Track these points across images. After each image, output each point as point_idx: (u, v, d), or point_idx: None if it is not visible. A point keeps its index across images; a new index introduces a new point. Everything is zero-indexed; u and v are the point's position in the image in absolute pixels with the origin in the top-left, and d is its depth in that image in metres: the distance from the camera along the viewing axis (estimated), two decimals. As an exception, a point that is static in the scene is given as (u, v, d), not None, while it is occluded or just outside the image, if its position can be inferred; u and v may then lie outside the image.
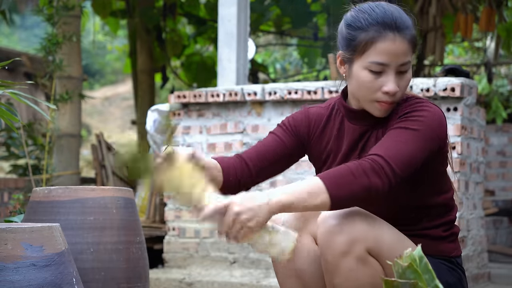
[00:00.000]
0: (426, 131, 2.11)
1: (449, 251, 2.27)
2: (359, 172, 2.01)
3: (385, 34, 2.11)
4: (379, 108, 2.16)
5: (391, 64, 2.12)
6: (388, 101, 2.14)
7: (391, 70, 2.12)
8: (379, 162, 2.03)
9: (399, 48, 2.11)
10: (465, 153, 4.25)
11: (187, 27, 11.54)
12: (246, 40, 5.30)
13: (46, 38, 5.56)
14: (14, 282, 1.99)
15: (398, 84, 2.13)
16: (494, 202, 7.53)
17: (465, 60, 12.89)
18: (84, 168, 14.19)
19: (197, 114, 4.90)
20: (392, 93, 2.12)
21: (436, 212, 2.24)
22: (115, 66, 20.93)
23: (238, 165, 2.27)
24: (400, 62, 2.12)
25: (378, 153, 2.05)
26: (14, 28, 17.10)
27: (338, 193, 2.00)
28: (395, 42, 2.11)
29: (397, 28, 2.11)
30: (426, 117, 2.13)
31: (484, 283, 4.58)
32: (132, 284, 2.72)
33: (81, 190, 2.71)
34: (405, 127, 2.11)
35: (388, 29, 2.11)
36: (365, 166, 2.02)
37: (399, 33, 2.11)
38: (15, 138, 6.90)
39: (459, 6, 7.68)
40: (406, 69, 2.14)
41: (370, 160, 2.04)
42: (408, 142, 2.08)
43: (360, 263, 2.09)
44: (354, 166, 2.02)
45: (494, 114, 9.22)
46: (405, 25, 2.12)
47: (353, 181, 2.00)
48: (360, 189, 2.01)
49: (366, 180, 2.01)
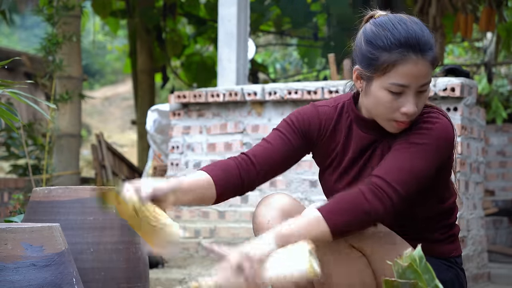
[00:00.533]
0: (431, 144, 2.08)
1: (448, 252, 2.26)
2: (358, 198, 1.99)
3: (409, 56, 2.05)
4: (395, 126, 2.12)
5: (411, 86, 2.07)
6: (406, 121, 2.10)
7: (411, 92, 2.08)
8: (379, 184, 2.01)
9: (421, 70, 2.06)
10: (465, 153, 4.25)
11: (187, 27, 11.55)
12: (246, 40, 5.30)
13: (46, 38, 5.56)
14: (14, 282, 1.99)
15: (417, 104, 2.09)
16: (494, 202, 7.53)
17: (465, 60, 12.89)
18: (84, 168, 14.19)
19: (197, 114, 4.90)
20: (410, 114, 2.08)
21: (438, 219, 2.23)
22: (115, 66, 20.93)
23: (243, 165, 2.23)
24: (420, 83, 2.07)
25: (378, 175, 2.03)
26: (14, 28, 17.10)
27: (336, 222, 1.98)
28: (417, 65, 2.05)
29: (420, 51, 2.05)
30: (432, 130, 2.09)
31: (484, 283, 4.58)
32: (132, 284, 2.72)
33: (81, 190, 2.71)
34: (409, 142, 2.09)
35: (411, 51, 2.05)
36: (364, 191, 2.00)
37: (422, 55, 2.05)
38: (15, 138, 6.90)
39: (459, 6, 7.68)
40: (426, 89, 2.09)
41: (370, 183, 2.02)
42: (413, 158, 2.05)
43: (348, 262, 2.09)
44: (352, 193, 2.01)
45: (494, 114, 9.22)
46: (428, 45, 2.07)
47: (352, 208, 1.99)
48: (359, 215, 2.00)
49: (366, 205, 1.99)
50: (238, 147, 4.75)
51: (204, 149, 4.86)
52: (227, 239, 4.74)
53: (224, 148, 4.80)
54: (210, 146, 4.84)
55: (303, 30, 10.07)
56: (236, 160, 2.25)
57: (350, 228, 2.02)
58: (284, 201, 2.21)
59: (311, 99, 4.53)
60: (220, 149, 4.81)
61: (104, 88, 21.00)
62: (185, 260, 4.85)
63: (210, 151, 4.84)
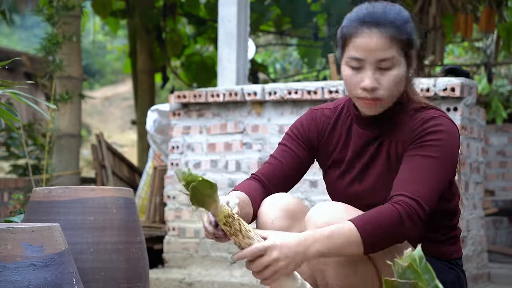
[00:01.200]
0: (445, 157, 2.11)
1: (449, 253, 2.26)
2: (396, 223, 2.01)
3: (362, 30, 2.10)
4: (362, 105, 2.15)
5: (367, 59, 2.10)
6: (368, 97, 2.12)
7: (368, 66, 2.11)
8: (413, 206, 2.03)
9: (375, 43, 2.09)
10: (465, 153, 4.25)
11: (187, 27, 11.54)
12: (246, 40, 5.30)
13: (46, 38, 5.56)
14: (14, 282, 1.99)
15: (379, 80, 2.11)
16: (494, 202, 7.53)
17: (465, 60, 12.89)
18: (84, 168, 14.19)
19: (197, 114, 4.90)
20: (368, 88, 2.11)
21: (441, 219, 2.24)
22: (115, 66, 20.92)
23: (263, 191, 2.27)
24: (377, 57, 2.10)
25: (409, 195, 2.05)
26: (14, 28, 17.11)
27: (373, 245, 2.01)
28: (371, 38, 2.10)
29: (375, 24, 2.10)
30: (444, 140, 2.11)
31: (484, 283, 4.58)
32: (132, 284, 2.72)
33: (81, 190, 2.71)
34: (425, 154, 2.10)
35: (365, 25, 2.10)
36: (402, 214, 2.02)
37: (377, 29, 2.09)
38: (15, 138, 6.90)
39: (459, 6, 7.68)
40: (387, 65, 2.11)
41: (405, 204, 2.03)
42: (432, 175, 2.08)
43: (350, 261, 2.10)
44: (390, 215, 2.02)
45: (494, 114, 9.22)
46: (387, 21, 2.10)
47: (389, 234, 2.01)
48: (395, 239, 2.04)
49: (402, 231, 2.02)
50: (238, 147, 4.76)
51: (204, 149, 4.86)
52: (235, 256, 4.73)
53: (224, 148, 4.80)
54: (210, 146, 4.84)
55: (303, 30, 10.07)
56: (253, 186, 2.27)
57: (382, 248, 2.05)
58: (288, 201, 2.21)
59: (311, 99, 4.53)
60: (220, 149, 4.81)
61: (104, 88, 20.99)
62: (185, 260, 4.85)
63: (210, 151, 4.84)
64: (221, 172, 4.79)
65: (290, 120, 4.58)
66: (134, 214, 2.82)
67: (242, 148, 4.74)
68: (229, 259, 4.73)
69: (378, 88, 2.12)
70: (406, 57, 2.15)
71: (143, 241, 2.84)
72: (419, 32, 2.20)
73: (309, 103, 4.57)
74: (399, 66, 2.13)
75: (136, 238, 2.78)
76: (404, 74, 2.15)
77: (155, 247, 5.37)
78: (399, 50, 2.12)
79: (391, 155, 2.19)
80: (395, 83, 2.13)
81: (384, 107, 2.16)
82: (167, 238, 4.92)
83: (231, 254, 4.72)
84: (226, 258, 4.73)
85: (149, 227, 5.55)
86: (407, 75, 2.17)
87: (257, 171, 2.31)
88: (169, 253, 4.90)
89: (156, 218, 5.69)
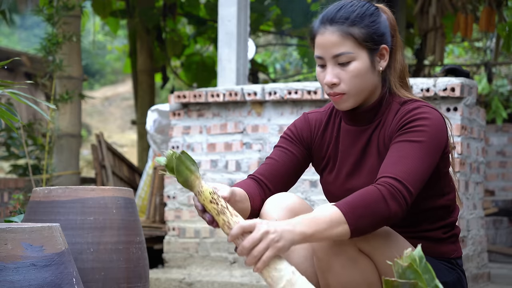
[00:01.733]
0: (431, 142, 2.11)
1: (449, 252, 2.26)
2: (379, 201, 2.00)
3: (319, 28, 2.19)
4: (332, 101, 2.22)
5: (325, 56, 2.18)
6: (331, 93, 2.19)
7: (328, 62, 2.19)
8: (396, 186, 2.03)
9: (328, 40, 2.17)
10: (465, 153, 4.25)
11: (187, 27, 11.54)
12: (246, 40, 5.30)
13: (46, 38, 5.56)
14: (14, 282, 1.99)
15: (340, 75, 2.17)
16: (494, 202, 7.53)
17: (465, 60, 12.89)
18: (84, 168, 14.19)
19: (197, 114, 4.90)
20: (328, 84, 2.18)
21: (438, 214, 2.24)
22: (115, 66, 20.92)
23: (260, 190, 2.28)
24: (332, 53, 2.17)
25: (392, 176, 2.05)
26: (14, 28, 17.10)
27: (357, 224, 1.99)
28: (324, 34, 2.17)
29: (329, 21, 2.17)
30: (429, 126, 2.12)
31: (484, 283, 4.58)
32: (132, 284, 2.72)
33: (81, 190, 2.71)
34: (409, 140, 2.11)
35: (321, 23, 2.19)
36: (384, 193, 2.01)
37: (330, 26, 2.17)
38: (15, 138, 6.90)
39: (459, 6, 7.68)
40: (344, 60, 2.16)
41: (388, 185, 2.03)
42: (417, 157, 2.08)
43: (352, 262, 2.10)
44: (373, 194, 2.01)
45: (494, 114, 9.22)
46: (340, 17, 2.17)
47: (373, 211, 2.00)
48: (379, 218, 2.02)
49: (386, 209, 2.01)
50: (238, 147, 4.76)
51: (204, 149, 4.86)
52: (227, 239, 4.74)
53: (224, 148, 4.80)
54: (210, 146, 4.84)
55: (303, 30, 10.07)
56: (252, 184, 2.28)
57: (368, 230, 2.04)
58: (292, 201, 2.22)
59: (311, 99, 4.53)
60: (220, 149, 4.81)
61: (104, 88, 20.99)
62: (185, 260, 4.85)
63: (210, 151, 4.84)
64: (221, 172, 4.79)
65: (290, 120, 4.58)
66: (134, 214, 2.82)
67: (242, 148, 4.74)
68: (229, 259, 4.73)
69: (339, 83, 2.18)
70: (371, 51, 2.18)
71: (143, 241, 2.84)
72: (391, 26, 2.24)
73: (309, 103, 4.57)
74: (359, 60, 2.17)
75: (136, 238, 2.78)
76: (367, 67, 2.18)
77: (155, 247, 5.37)
78: (355, 45, 2.16)
79: (380, 148, 2.21)
80: (355, 76, 2.17)
81: (355, 101, 2.20)
82: (167, 238, 4.92)
83: (231, 254, 4.72)
84: (226, 258, 4.73)
85: (149, 227, 5.55)
86: (372, 68, 2.19)
87: (254, 172, 2.32)
88: (169, 253, 4.90)
89: (156, 218, 5.69)
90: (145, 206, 6.08)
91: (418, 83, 4.20)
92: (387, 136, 2.19)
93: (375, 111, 2.24)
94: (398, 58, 2.24)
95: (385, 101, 2.23)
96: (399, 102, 2.22)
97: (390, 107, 2.22)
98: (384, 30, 2.21)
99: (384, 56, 2.21)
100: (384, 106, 2.23)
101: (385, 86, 2.24)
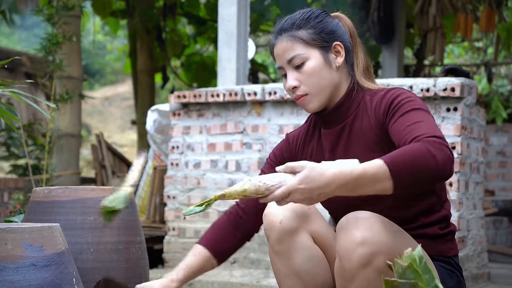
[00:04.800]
0: (423, 106, 2.14)
1: (447, 250, 2.27)
2: (425, 154, 1.94)
3: (272, 42, 2.30)
4: (299, 104, 2.27)
5: (282, 65, 2.27)
6: (295, 97, 2.26)
7: (286, 69, 2.26)
8: (435, 140, 1.97)
9: (279, 49, 2.27)
10: (465, 153, 4.25)
11: (187, 27, 11.54)
12: (246, 40, 5.30)
13: (46, 38, 5.56)
14: (14, 282, 1.99)
15: (299, 78, 2.24)
16: (494, 202, 7.53)
17: (465, 60, 12.89)
18: (84, 168, 14.19)
19: (197, 114, 4.90)
20: (289, 88, 2.25)
21: (429, 204, 2.23)
22: (115, 66, 20.92)
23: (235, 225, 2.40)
24: (286, 59, 2.25)
25: (424, 134, 2.00)
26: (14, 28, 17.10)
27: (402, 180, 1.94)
28: (276, 45, 2.28)
29: (279, 32, 2.28)
30: (410, 96, 2.16)
31: (484, 283, 4.58)
32: (132, 284, 2.72)
33: (81, 190, 2.71)
34: (406, 111, 2.11)
35: (273, 37, 2.30)
36: (429, 146, 1.95)
37: (279, 36, 2.28)
38: (15, 138, 6.90)
39: (459, 6, 7.68)
40: (298, 62, 2.24)
41: (428, 139, 1.97)
42: (426, 118, 2.08)
43: (379, 275, 2.02)
44: (417, 149, 1.95)
45: (494, 114, 9.22)
46: (288, 24, 2.27)
47: (420, 165, 1.93)
48: (427, 172, 1.95)
49: (433, 161, 1.94)
50: (238, 147, 4.76)
51: (204, 149, 4.86)
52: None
53: (224, 148, 4.80)
54: (210, 146, 4.84)
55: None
56: (229, 215, 2.44)
57: (413, 185, 1.98)
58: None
59: (311, 99, 4.52)
60: (220, 149, 4.81)
61: (104, 88, 20.99)
62: (185, 260, 4.85)
63: (210, 151, 4.84)
64: (221, 172, 4.79)
65: (290, 120, 4.58)
66: (134, 214, 2.82)
67: (242, 148, 4.74)
68: (229, 259, 4.72)
69: (299, 85, 2.24)
70: (322, 49, 2.25)
71: (143, 241, 2.84)
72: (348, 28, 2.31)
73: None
74: (312, 60, 2.24)
75: (136, 238, 2.78)
76: (322, 64, 2.24)
77: (155, 247, 5.37)
78: (305, 45, 2.24)
79: (366, 138, 2.22)
80: (312, 75, 2.24)
81: (319, 100, 2.25)
82: (167, 238, 4.92)
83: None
84: (226, 258, 4.73)
85: (149, 227, 5.55)
86: (327, 65, 2.25)
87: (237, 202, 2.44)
88: (169, 253, 4.90)
89: (156, 218, 5.70)
90: (145, 206, 6.08)
91: (418, 83, 4.20)
92: (373, 125, 2.20)
93: (345, 107, 2.27)
94: (359, 55, 2.31)
95: (355, 96, 2.27)
96: (370, 93, 2.26)
97: (363, 100, 2.26)
98: (334, 28, 2.27)
99: (340, 52, 2.27)
100: (356, 100, 2.27)
101: (352, 82, 2.28)
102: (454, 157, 2.00)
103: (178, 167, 4.94)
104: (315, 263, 2.23)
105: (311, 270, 2.23)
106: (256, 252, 4.65)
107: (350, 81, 2.29)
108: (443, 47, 8.17)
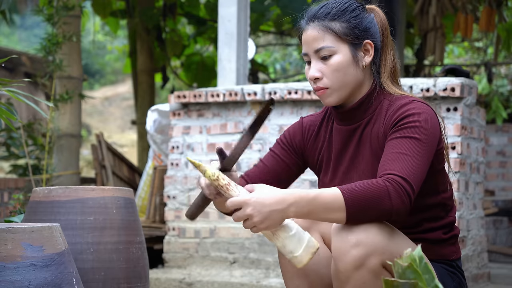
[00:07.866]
0: (426, 138, 2.10)
1: (449, 254, 2.25)
2: (383, 196, 1.98)
3: (302, 26, 2.26)
4: (318, 95, 2.25)
5: (309, 52, 2.24)
6: (315, 88, 2.23)
7: (312, 58, 2.24)
8: (401, 183, 2.01)
9: (309, 35, 2.23)
10: (465, 153, 4.25)
11: (187, 27, 11.54)
12: (246, 40, 5.30)
13: (46, 38, 5.56)
14: (14, 282, 1.99)
15: (322, 70, 2.21)
16: (494, 202, 7.53)
17: (465, 60, 12.89)
18: (84, 168, 14.19)
19: (197, 114, 4.90)
20: (311, 78, 2.23)
21: (435, 213, 2.23)
22: (115, 66, 20.92)
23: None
24: (314, 48, 2.22)
25: (396, 173, 2.03)
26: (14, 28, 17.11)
27: (355, 215, 1.99)
28: (306, 31, 2.24)
29: (311, 18, 2.24)
30: (422, 121, 2.12)
31: (484, 283, 4.58)
32: (132, 284, 2.72)
33: (81, 190, 2.71)
34: (405, 136, 2.10)
35: (305, 21, 2.26)
36: (390, 189, 1.99)
37: (311, 22, 2.23)
38: (15, 138, 6.90)
39: (459, 6, 7.68)
40: (325, 54, 2.21)
41: (393, 181, 2.01)
42: (415, 154, 2.07)
43: (373, 276, 2.03)
44: (379, 188, 1.99)
45: (494, 114, 9.22)
46: (321, 13, 2.23)
47: (375, 205, 1.98)
48: (380, 212, 2.00)
49: (388, 203, 1.99)
50: (238, 147, 4.75)
51: (204, 149, 4.86)
52: (227, 239, 4.74)
53: (224, 148, 4.80)
54: (210, 146, 4.84)
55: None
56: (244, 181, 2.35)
57: (365, 222, 2.02)
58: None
59: (311, 99, 4.53)
60: (220, 149, 4.80)
61: (104, 88, 21.00)
62: (185, 260, 4.85)
63: (210, 151, 4.84)
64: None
65: (290, 120, 4.58)
66: (134, 214, 2.82)
67: (242, 148, 4.73)
68: (229, 259, 4.72)
69: (322, 77, 2.22)
70: (352, 45, 2.21)
71: (143, 241, 2.84)
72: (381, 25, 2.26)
73: (309, 103, 4.57)
74: (340, 54, 2.21)
75: (136, 238, 2.78)
76: (349, 61, 2.21)
77: (155, 247, 5.36)
78: (336, 39, 2.20)
79: (374, 145, 2.20)
80: (337, 70, 2.20)
81: (339, 96, 2.22)
82: (167, 238, 4.92)
83: (231, 254, 4.72)
84: (226, 258, 4.72)
85: (149, 227, 5.55)
86: (354, 62, 2.22)
87: (245, 172, 2.37)
88: (169, 253, 4.90)
89: (156, 218, 5.69)
90: (145, 206, 6.08)
91: (418, 83, 4.20)
92: (381, 132, 2.19)
93: (364, 108, 2.24)
94: (388, 56, 2.26)
95: (375, 98, 2.24)
96: (390, 99, 2.22)
97: (381, 104, 2.23)
98: (368, 25, 2.23)
99: (369, 51, 2.23)
100: (375, 104, 2.23)
101: (375, 83, 2.25)
102: (410, 205, 2.03)
103: (178, 167, 4.94)
104: (324, 264, 2.22)
105: (319, 270, 2.22)
106: (256, 252, 4.65)
107: (373, 82, 2.25)
108: (443, 47, 8.16)
